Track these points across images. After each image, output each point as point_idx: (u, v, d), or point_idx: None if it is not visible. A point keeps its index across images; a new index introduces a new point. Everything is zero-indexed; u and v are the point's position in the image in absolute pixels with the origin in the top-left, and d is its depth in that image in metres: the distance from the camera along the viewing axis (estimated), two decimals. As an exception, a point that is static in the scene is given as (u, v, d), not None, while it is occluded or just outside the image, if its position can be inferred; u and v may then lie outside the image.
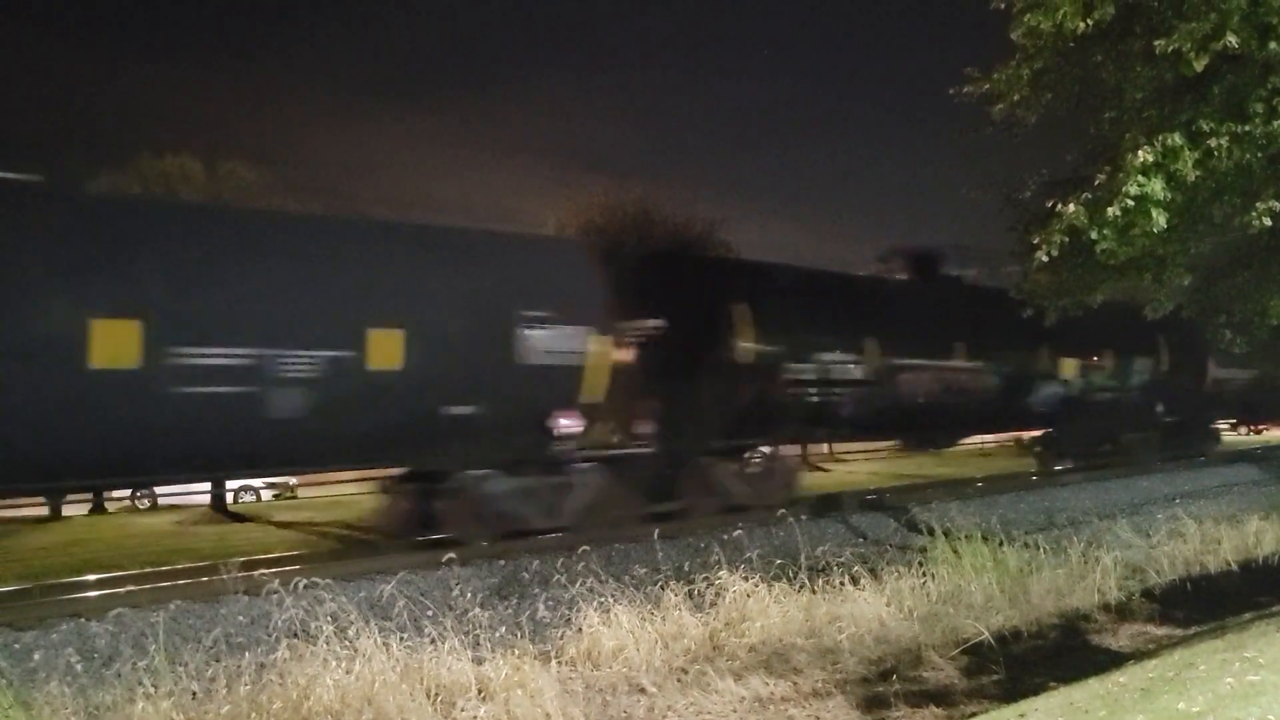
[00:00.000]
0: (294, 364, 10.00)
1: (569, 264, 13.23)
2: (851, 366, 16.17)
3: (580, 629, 8.93)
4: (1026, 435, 27.45)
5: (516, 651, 8.22)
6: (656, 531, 11.53)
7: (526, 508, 12.04)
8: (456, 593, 9.33)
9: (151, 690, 6.99)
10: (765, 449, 15.36)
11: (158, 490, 21.69)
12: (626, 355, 12.96)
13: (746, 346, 14.48)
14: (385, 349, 10.65)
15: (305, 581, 8.64)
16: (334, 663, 7.47)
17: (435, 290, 11.37)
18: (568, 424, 12.09)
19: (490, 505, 11.78)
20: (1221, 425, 27.89)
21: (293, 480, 24.43)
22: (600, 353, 12.35)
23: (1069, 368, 20.65)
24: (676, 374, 13.84)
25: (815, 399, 15.61)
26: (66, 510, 20.63)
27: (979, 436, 27.85)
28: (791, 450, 15.99)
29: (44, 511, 20.10)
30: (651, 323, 13.87)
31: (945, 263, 19.95)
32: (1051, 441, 22.64)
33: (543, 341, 11.79)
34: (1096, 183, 8.35)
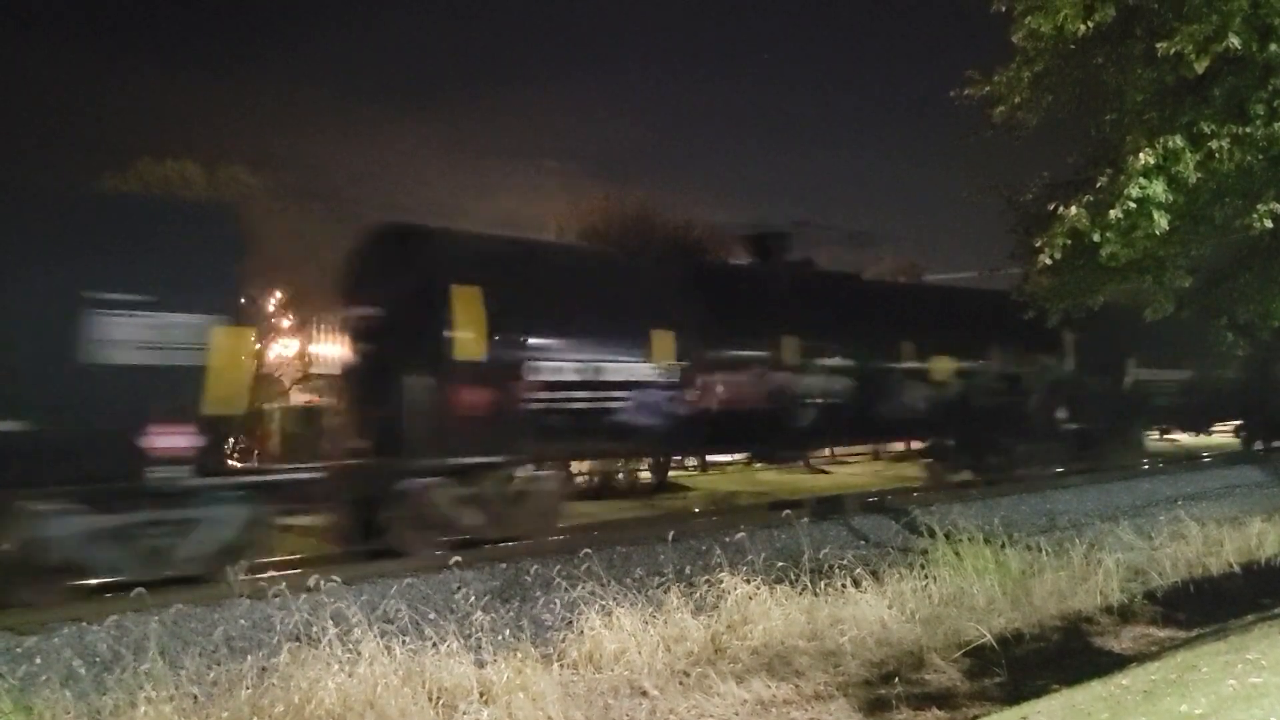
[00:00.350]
0: None
1: (177, 229, 9.75)
2: (635, 366, 13.00)
3: (582, 632, 8.92)
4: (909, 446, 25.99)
5: (518, 654, 8.22)
6: (671, 534, 11.51)
7: (110, 553, 8.99)
8: (459, 596, 9.35)
9: (153, 694, 6.99)
10: (517, 470, 12.03)
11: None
12: (290, 351, 11.34)
13: (471, 340, 11.47)
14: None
15: (309, 584, 8.65)
16: (336, 666, 7.47)
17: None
18: (172, 442, 9.23)
19: (57, 550, 8.74)
20: (1154, 433, 25.15)
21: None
22: (232, 349, 9.58)
23: (943, 368, 17.54)
24: (368, 376, 11.73)
25: (580, 407, 12.43)
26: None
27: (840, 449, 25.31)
28: (554, 471, 12.75)
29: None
30: (336, 310, 11.69)
31: (789, 244, 17.32)
32: (944, 452, 19.53)
33: (128, 333, 8.92)
34: (1098, 185, 8.36)
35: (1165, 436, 26.45)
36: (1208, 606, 11.36)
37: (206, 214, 11.00)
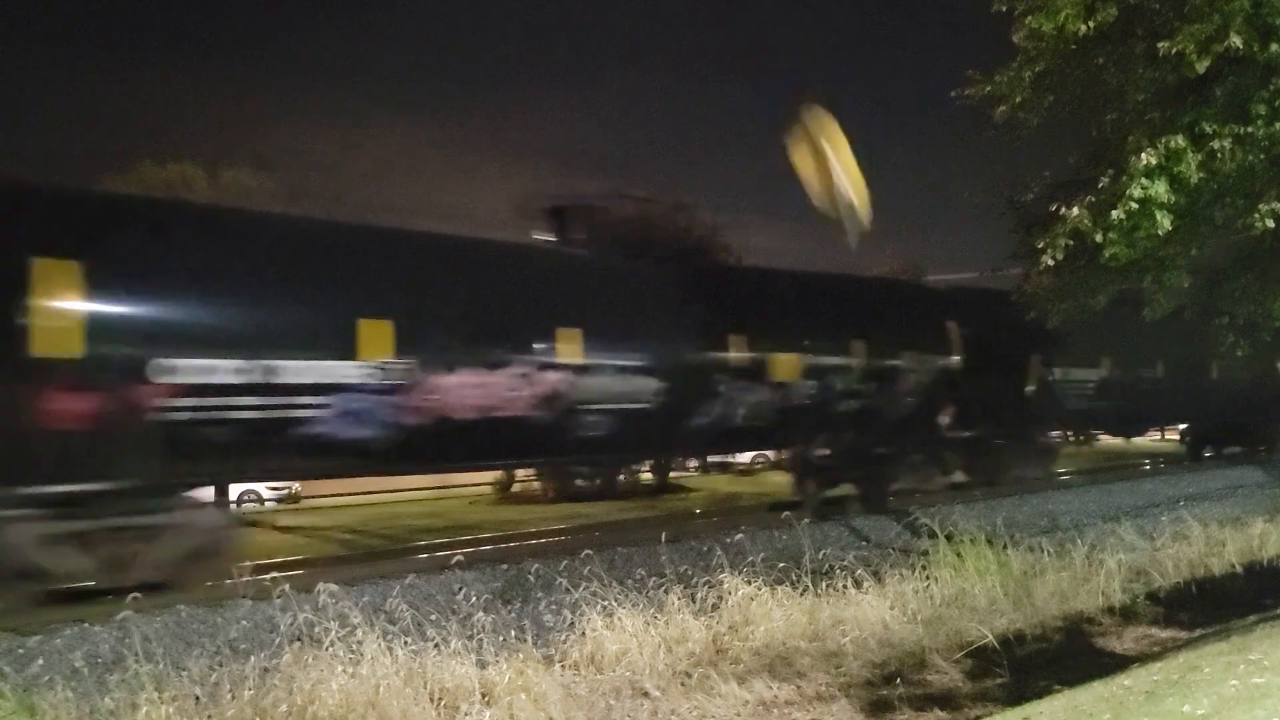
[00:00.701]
0: None
1: None
2: (332, 365, 10.21)
3: (584, 633, 8.93)
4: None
5: (520, 655, 8.22)
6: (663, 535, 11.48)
7: None
8: (460, 596, 9.35)
9: (155, 695, 6.99)
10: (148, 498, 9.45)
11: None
12: None
13: (59, 331, 8.85)
14: None
15: (311, 586, 8.65)
16: (338, 667, 7.48)
17: None
18: None
19: None
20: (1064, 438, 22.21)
21: (296, 485, 24.44)
22: None
23: (785, 366, 14.43)
24: None
25: (245, 417, 9.73)
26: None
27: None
28: (219, 501, 10.76)
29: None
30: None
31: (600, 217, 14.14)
32: (806, 466, 16.10)
33: None
34: (1100, 185, 8.36)
35: (1087, 443, 23.81)
36: (1210, 607, 11.35)
37: None
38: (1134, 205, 7.86)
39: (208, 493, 10.95)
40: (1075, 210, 8.34)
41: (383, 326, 10.55)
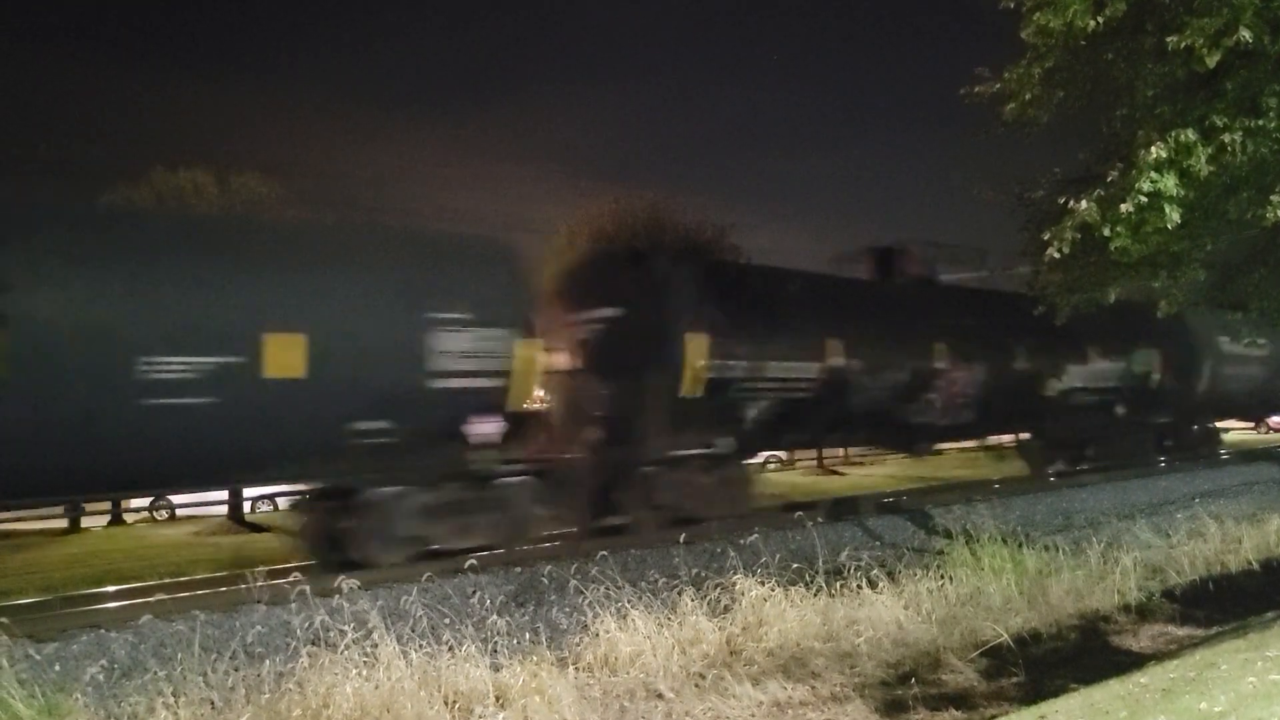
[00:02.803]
0: None
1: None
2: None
3: (597, 635, 8.93)
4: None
5: (534, 658, 8.23)
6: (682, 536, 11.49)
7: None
8: (475, 599, 9.37)
9: (171, 700, 7.03)
10: None
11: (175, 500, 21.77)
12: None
13: None
14: None
15: (327, 590, 8.69)
16: (353, 670, 7.50)
17: None
18: None
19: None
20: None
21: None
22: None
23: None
24: None
25: None
26: (85, 521, 20.78)
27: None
28: None
29: (64, 524, 20.25)
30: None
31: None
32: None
33: None
34: (1109, 180, 8.32)
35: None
36: (1227, 604, 11.29)
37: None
38: (1143, 199, 7.82)
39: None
40: (1084, 204, 8.30)
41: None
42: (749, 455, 15.49)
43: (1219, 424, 25.95)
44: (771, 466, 27.88)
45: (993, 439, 25.33)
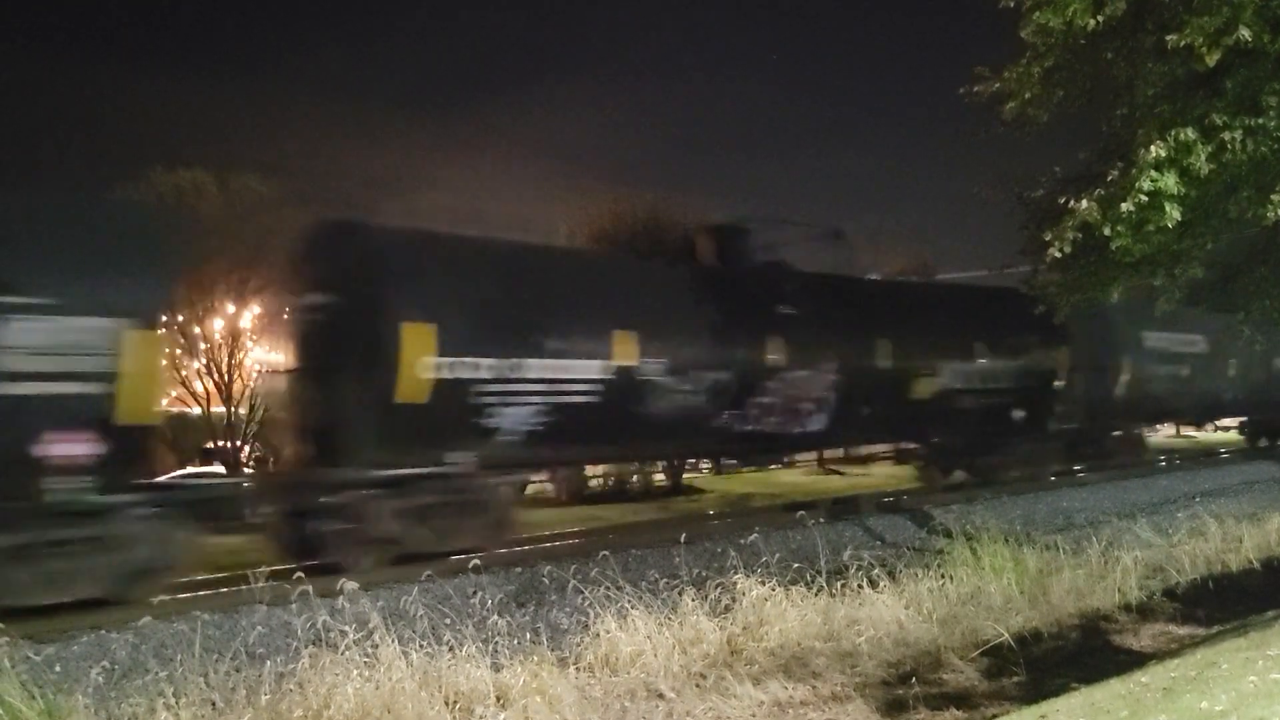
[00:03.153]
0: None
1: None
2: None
3: (598, 635, 8.93)
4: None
5: (535, 658, 8.23)
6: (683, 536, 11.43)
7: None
8: (475, 600, 9.36)
9: (172, 701, 7.02)
10: None
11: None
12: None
13: None
14: None
15: (329, 590, 8.68)
16: (354, 671, 7.49)
17: None
18: None
19: None
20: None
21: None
22: None
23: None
24: None
25: None
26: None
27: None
28: None
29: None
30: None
31: None
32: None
33: None
34: (1109, 179, 8.32)
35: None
36: (1228, 603, 11.29)
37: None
38: (1143, 198, 7.82)
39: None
40: (1084, 203, 8.31)
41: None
42: (505, 475, 12.19)
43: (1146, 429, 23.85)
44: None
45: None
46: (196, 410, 22.76)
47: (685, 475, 25.12)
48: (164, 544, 9.46)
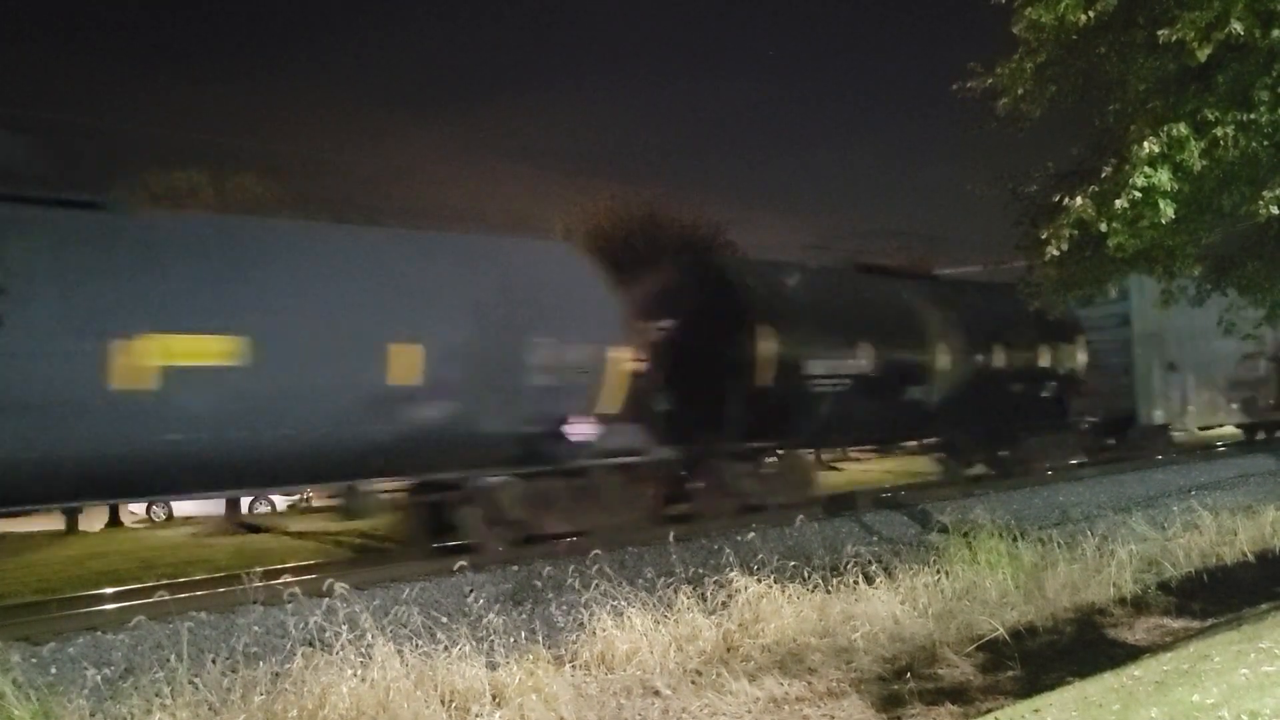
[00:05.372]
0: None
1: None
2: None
3: (594, 632, 8.94)
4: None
5: (530, 656, 8.24)
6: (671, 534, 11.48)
7: None
8: (470, 598, 9.37)
9: (169, 701, 7.03)
10: None
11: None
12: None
13: None
14: None
15: (322, 591, 8.68)
16: (349, 671, 7.50)
17: None
18: None
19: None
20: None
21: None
22: None
23: None
24: None
25: None
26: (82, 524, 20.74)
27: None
28: None
29: (60, 526, 20.22)
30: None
31: None
32: None
33: None
34: (1103, 175, 8.33)
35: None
36: (1222, 596, 11.33)
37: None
38: (1137, 194, 7.83)
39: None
40: (1079, 200, 8.31)
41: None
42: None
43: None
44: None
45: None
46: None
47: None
48: None
